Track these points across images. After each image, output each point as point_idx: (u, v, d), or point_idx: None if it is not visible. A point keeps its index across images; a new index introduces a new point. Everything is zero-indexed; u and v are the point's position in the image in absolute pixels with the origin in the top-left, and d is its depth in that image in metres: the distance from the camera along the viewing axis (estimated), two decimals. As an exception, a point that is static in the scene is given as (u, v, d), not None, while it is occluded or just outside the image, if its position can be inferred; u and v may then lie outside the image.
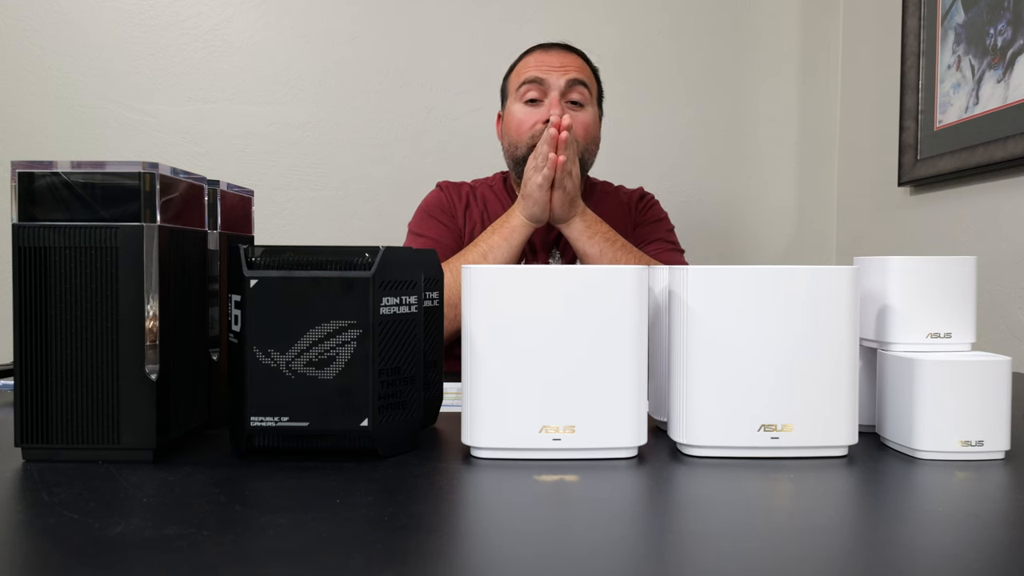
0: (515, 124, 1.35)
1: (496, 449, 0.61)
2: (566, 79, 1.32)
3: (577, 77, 1.33)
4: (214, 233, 0.70)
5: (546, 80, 1.32)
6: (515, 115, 1.35)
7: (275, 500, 0.50)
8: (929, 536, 0.45)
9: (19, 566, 0.39)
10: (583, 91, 1.33)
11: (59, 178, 0.58)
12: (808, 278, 0.61)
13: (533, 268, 0.60)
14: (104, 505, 0.48)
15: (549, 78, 1.32)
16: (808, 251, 1.97)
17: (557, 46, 1.39)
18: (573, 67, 1.34)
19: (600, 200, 1.44)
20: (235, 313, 0.60)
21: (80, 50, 1.83)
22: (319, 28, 1.87)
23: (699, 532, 0.45)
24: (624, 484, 0.55)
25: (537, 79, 1.33)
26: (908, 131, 1.60)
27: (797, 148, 1.96)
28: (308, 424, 0.59)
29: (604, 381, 0.60)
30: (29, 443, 0.59)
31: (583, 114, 1.33)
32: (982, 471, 0.58)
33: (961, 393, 0.61)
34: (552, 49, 1.37)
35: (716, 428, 0.62)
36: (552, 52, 1.36)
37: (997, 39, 1.35)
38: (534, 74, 1.33)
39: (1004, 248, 1.35)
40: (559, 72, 1.32)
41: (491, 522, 0.48)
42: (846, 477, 0.57)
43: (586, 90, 1.34)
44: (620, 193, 1.48)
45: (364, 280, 0.59)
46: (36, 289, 0.58)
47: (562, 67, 1.33)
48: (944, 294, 0.65)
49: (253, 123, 1.87)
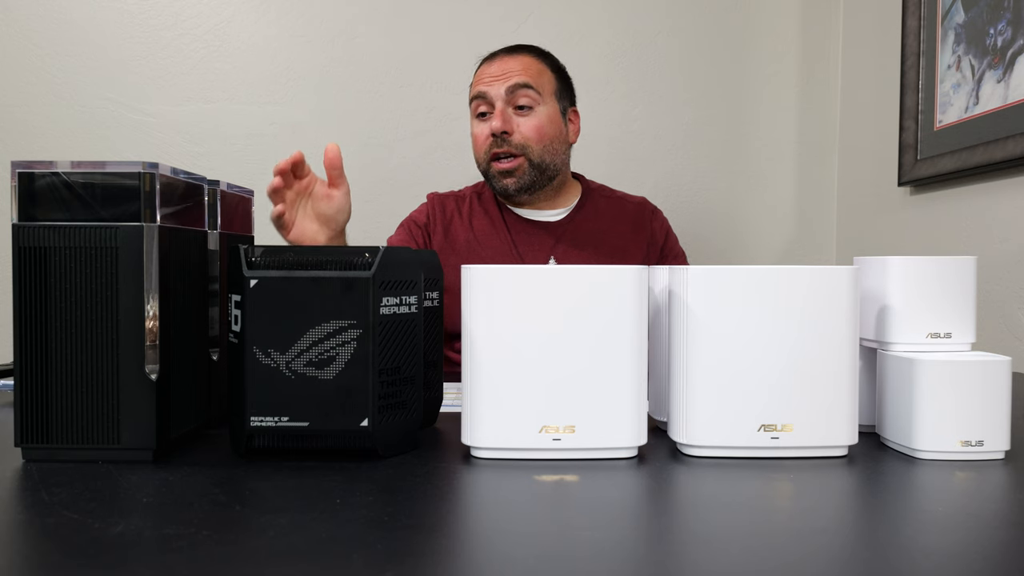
0: (472, 141, 1.37)
1: (496, 449, 0.61)
2: (506, 87, 1.31)
3: (518, 81, 1.31)
4: (214, 233, 0.70)
5: (488, 92, 1.32)
6: (472, 131, 1.38)
7: (275, 500, 0.50)
8: (929, 536, 0.45)
9: (19, 566, 0.39)
10: (528, 93, 1.32)
11: (59, 178, 0.58)
12: (808, 278, 0.61)
13: (533, 268, 0.60)
14: (104, 505, 0.48)
15: (490, 90, 1.32)
16: (808, 251, 1.97)
17: (502, 51, 1.37)
18: (515, 72, 1.32)
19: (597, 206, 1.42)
20: (235, 313, 0.60)
21: (80, 50, 1.83)
22: (319, 28, 1.87)
23: (699, 532, 0.45)
24: (624, 484, 0.55)
25: (480, 93, 1.33)
26: (908, 131, 1.60)
27: (797, 148, 1.96)
28: (308, 424, 0.59)
29: (604, 381, 0.60)
30: (29, 443, 0.59)
31: (531, 118, 1.32)
32: (982, 471, 0.58)
33: (961, 393, 0.61)
34: (496, 58, 1.36)
35: (716, 428, 0.62)
36: (495, 61, 1.35)
37: (997, 39, 1.35)
38: (478, 89, 1.34)
39: (1004, 248, 1.35)
40: (500, 81, 1.32)
41: (491, 522, 0.48)
42: (846, 477, 0.57)
43: (532, 91, 1.32)
44: (625, 202, 1.45)
45: (364, 280, 0.59)
46: (36, 289, 0.58)
47: (502, 75, 1.32)
48: (944, 294, 0.65)
49: (253, 123, 1.87)
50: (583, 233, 1.38)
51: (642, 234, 1.42)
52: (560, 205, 1.41)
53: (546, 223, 1.39)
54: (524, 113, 1.32)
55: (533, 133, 1.31)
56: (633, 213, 1.44)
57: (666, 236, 1.44)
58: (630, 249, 1.39)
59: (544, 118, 1.32)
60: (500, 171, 1.32)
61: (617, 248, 1.38)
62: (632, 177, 1.90)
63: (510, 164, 1.31)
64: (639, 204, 1.46)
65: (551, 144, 1.33)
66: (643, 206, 1.46)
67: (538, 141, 1.31)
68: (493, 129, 1.30)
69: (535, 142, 1.31)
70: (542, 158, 1.32)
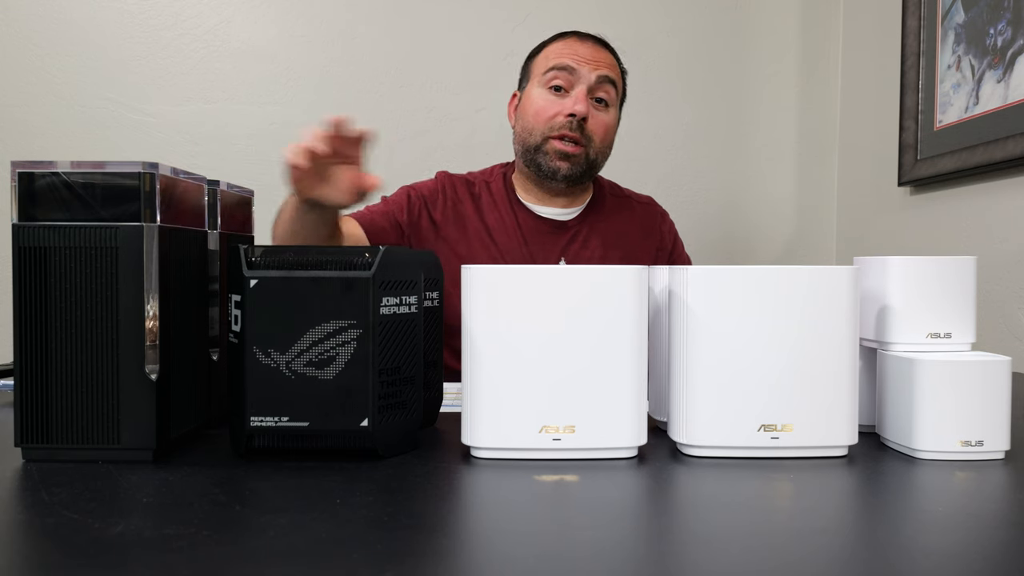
0: (533, 110, 1.28)
1: (496, 449, 0.61)
2: (597, 74, 1.26)
3: (608, 75, 1.27)
4: (214, 233, 0.70)
5: (577, 70, 1.26)
6: (535, 100, 1.28)
7: (275, 500, 0.50)
8: (929, 536, 0.45)
9: (19, 566, 0.39)
10: (610, 90, 1.29)
11: (59, 178, 0.58)
12: (808, 278, 0.61)
13: (533, 268, 0.60)
14: (104, 505, 0.48)
15: (581, 69, 1.26)
16: (808, 251, 1.97)
17: (593, 38, 1.32)
18: (605, 63, 1.28)
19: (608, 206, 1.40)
20: (235, 313, 0.60)
21: (80, 50, 1.83)
22: (319, 28, 1.87)
23: (699, 532, 0.45)
24: (624, 484, 0.55)
25: (567, 67, 1.26)
26: (908, 131, 1.60)
27: (797, 148, 1.96)
28: (308, 424, 0.59)
29: (604, 381, 0.60)
30: (29, 443, 0.59)
31: (606, 115, 1.29)
32: (982, 471, 0.58)
33: (961, 393, 0.61)
34: (588, 40, 1.31)
35: (716, 428, 0.62)
36: (587, 43, 1.30)
37: (997, 39, 1.35)
38: (565, 61, 1.26)
39: (1004, 248, 1.35)
40: (591, 65, 1.26)
41: (491, 522, 0.48)
42: (846, 477, 0.57)
43: (613, 90, 1.29)
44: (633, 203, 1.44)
45: (364, 280, 0.59)
46: (36, 289, 0.58)
47: (595, 60, 1.27)
48: (944, 294, 0.65)
49: (253, 123, 1.86)
50: (594, 233, 1.36)
51: (651, 239, 1.41)
52: (574, 204, 1.38)
53: (558, 222, 1.36)
54: (600, 107, 1.29)
55: (601, 130, 1.29)
56: (642, 215, 1.42)
57: (674, 242, 1.44)
58: (639, 254, 1.37)
59: (612, 120, 1.31)
60: (559, 152, 1.26)
61: (627, 250, 1.36)
62: (633, 177, 1.89)
63: (573, 149, 1.26)
64: (647, 205, 1.45)
65: (606, 148, 1.32)
66: (651, 208, 1.45)
67: (602, 140, 1.29)
68: (576, 111, 1.24)
69: (600, 139, 1.29)
70: (597, 157, 1.30)
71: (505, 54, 1.87)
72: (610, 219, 1.39)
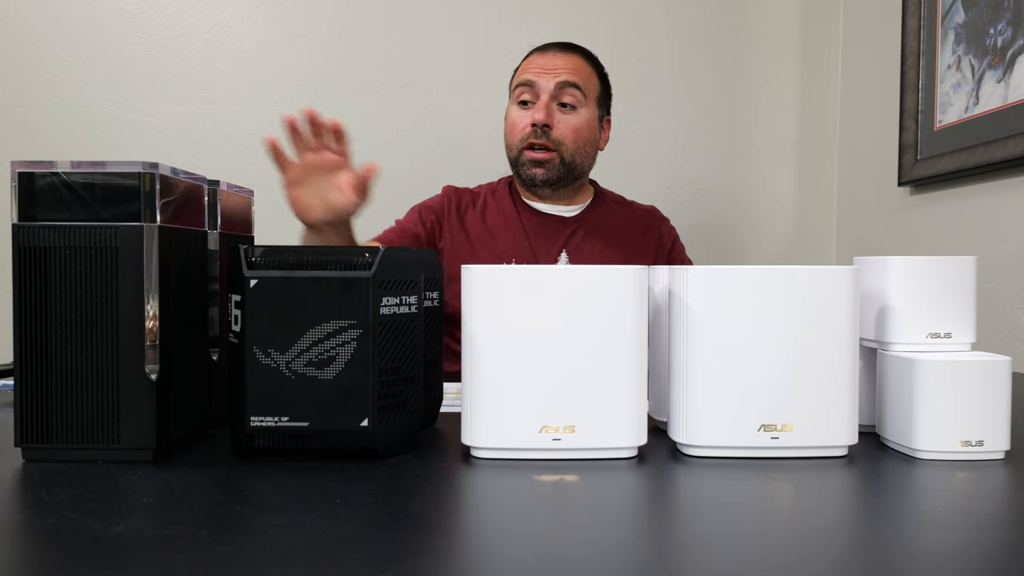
0: (508, 126, 1.39)
1: (496, 449, 0.61)
2: (556, 82, 1.33)
3: (568, 79, 1.33)
4: (214, 233, 0.70)
5: (537, 82, 1.34)
6: (509, 117, 1.39)
7: (275, 500, 0.50)
8: (929, 536, 0.45)
9: (19, 566, 0.39)
10: (575, 93, 1.34)
11: (59, 178, 0.58)
12: (808, 278, 0.61)
13: (533, 268, 0.60)
14: (104, 505, 0.48)
15: (540, 80, 1.34)
16: (808, 251, 1.97)
17: (556, 46, 1.39)
18: (566, 69, 1.35)
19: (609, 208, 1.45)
20: (235, 313, 0.60)
21: (80, 50, 1.83)
22: (319, 28, 1.87)
23: (699, 532, 0.45)
24: (624, 484, 0.55)
25: (528, 81, 1.35)
26: (908, 131, 1.60)
27: (797, 148, 1.96)
28: (308, 424, 0.59)
29: (604, 381, 0.60)
30: (29, 443, 0.59)
31: (574, 116, 1.34)
32: (982, 471, 0.58)
33: (961, 393, 0.61)
34: (549, 50, 1.38)
35: (716, 428, 0.62)
36: (548, 54, 1.37)
37: (997, 39, 1.35)
38: (527, 76, 1.35)
39: (1004, 248, 1.35)
40: (550, 75, 1.34)
41: (491, 522, 0.48)
42: (846, 477, 0.57)
43: (579, 92, 1.34)
44: (635, 208, 1.49)
45: (364, 280, 0.59)
46: (36, 289, 0.58)
47: (553, 69, 1.34)
48: (944, 294, 0.65)
49: (253, 123, 1.86)
50: (596, 229, 1.40)
51: (651, 237, 1.45)
52: (574, 203, 1.44)
53: (559, 218, 1.41)
54: (566, 111, 1.34)
55: (571, 133, 1.34)
56: (643, 218, 1.47)
57: (673, 243, 1.48)
58: (639, 249, 1.41)
59: (583, 121, 1.35)
60: (532, 160, 1.34)
61: (627, 247, 1.40)
62: (633, 177, 1.90)
63: (543, 155, 1.34)
64: (648, 211, 1.50)
65: (584, 147, 1.36)
66: (652, 213, 1.50)
67: (573, 141, 1.34)
68: (535, 120, 1.32)
69: (571, 142, 1.34)
70: (573, 158, 1.35)
71: (505, 54, 1.87)
72: (611, 217, 1.43)
